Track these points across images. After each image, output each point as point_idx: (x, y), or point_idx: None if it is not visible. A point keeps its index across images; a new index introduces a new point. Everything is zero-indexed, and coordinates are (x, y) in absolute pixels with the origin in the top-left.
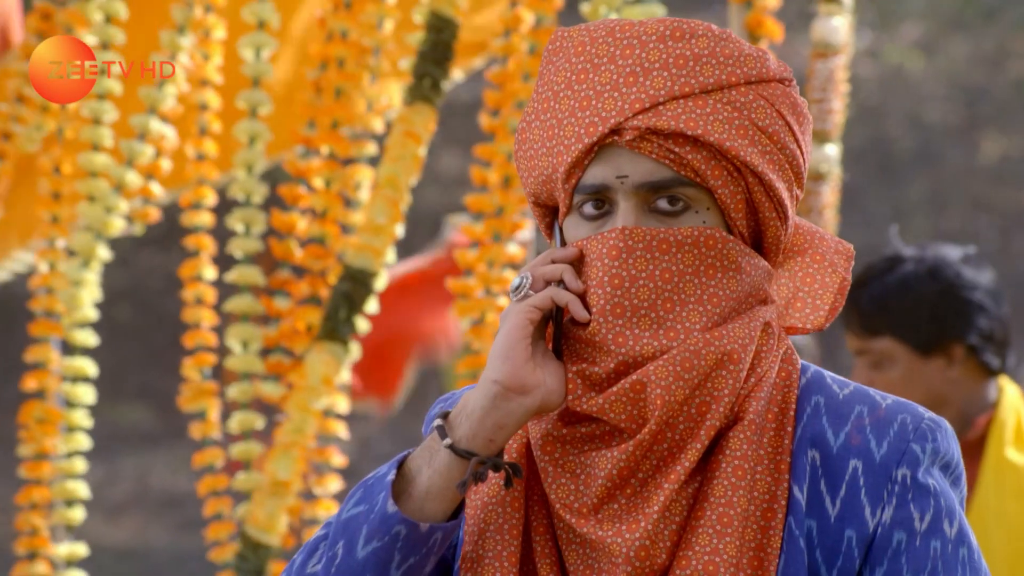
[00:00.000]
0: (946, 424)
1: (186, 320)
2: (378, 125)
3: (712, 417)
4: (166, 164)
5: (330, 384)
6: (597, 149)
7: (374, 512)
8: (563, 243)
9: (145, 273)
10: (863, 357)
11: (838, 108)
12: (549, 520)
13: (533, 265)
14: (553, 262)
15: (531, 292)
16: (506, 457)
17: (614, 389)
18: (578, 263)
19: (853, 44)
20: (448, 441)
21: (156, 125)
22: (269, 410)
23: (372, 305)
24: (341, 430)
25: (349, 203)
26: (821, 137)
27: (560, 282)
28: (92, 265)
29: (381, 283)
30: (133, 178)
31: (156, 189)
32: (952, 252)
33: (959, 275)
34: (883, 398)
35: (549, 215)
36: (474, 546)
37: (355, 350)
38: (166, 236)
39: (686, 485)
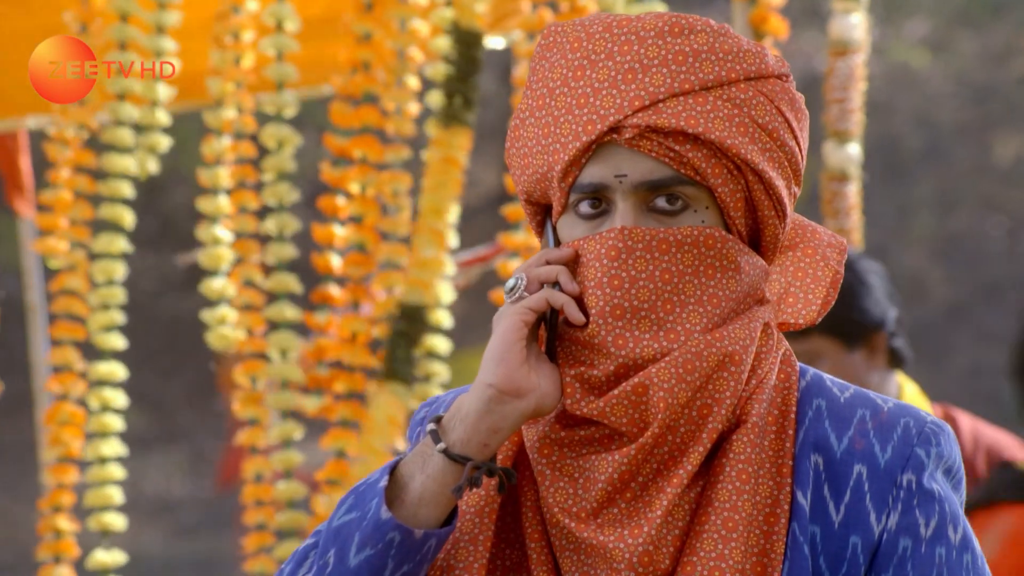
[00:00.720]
0: (948, 428)
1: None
2: (410, 128)
3: (714, 420)
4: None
5: (395, 424)
6: (595, 147)
7: (367, 519)
8: (556, 242)
9: (138, 275)
10: None
11: (858, 107)
12: (544, 527)
13: (527, 266)
14: (548, 263)
15: (525, 294)
16: (498, 462)
17: (615, 392)
18: (573, 264)
19: (869, 41)
20: (442, 446)
21: (227, 142)
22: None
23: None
24: None
25: (386, 210)
26: (843, 137)
27: (555, 284)
28: (116, 268)
29: (442, 315)
30: (225, 202)
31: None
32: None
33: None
34: (884, 401)
35: (541, 213)
36: (446, 554)
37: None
38: (160, 237)
39: (688, 489)
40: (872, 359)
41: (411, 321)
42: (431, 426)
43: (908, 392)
